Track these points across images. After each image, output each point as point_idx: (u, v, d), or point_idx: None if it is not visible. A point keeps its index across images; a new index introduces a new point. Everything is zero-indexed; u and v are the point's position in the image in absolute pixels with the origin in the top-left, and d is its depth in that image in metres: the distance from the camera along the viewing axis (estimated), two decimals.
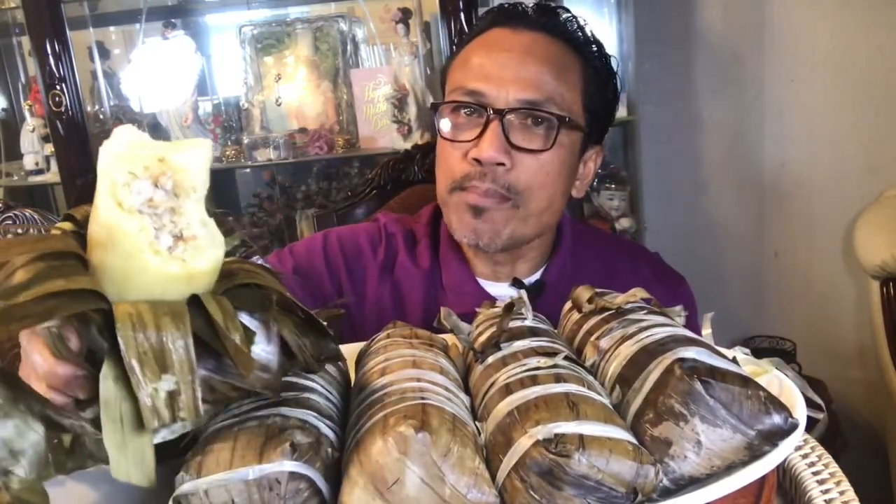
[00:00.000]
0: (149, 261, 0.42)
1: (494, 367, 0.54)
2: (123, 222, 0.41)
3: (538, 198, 0.87)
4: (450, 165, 0.88)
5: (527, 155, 0.85)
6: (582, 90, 0.89)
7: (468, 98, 0.86)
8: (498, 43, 0.88)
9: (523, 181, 0.85)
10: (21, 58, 2.18)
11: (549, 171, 0.86)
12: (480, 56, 0.87)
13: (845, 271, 2.19)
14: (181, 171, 0.44)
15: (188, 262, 0.43)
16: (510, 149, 0.84)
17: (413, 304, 0.94)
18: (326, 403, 0.51)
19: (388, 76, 1.92)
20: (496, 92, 0.84)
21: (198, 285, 0.43)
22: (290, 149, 1.98)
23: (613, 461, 0.42)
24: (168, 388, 0.40)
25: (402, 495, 0.42)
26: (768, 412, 0.46)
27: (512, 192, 0.85)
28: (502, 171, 0.84)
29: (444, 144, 0.89)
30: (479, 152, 0.84)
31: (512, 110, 0.84)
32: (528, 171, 0.85)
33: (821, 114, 2.14)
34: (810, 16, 2.10)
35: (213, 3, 2.22)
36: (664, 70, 2.18)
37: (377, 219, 1.03)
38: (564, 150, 0.87)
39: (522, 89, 0.84)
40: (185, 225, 0.43)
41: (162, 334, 0.40)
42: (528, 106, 0.84)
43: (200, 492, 0.42)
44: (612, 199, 2.05)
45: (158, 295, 0.42)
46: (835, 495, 0.56)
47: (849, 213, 2.12)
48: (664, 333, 0.53)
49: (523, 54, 0.86)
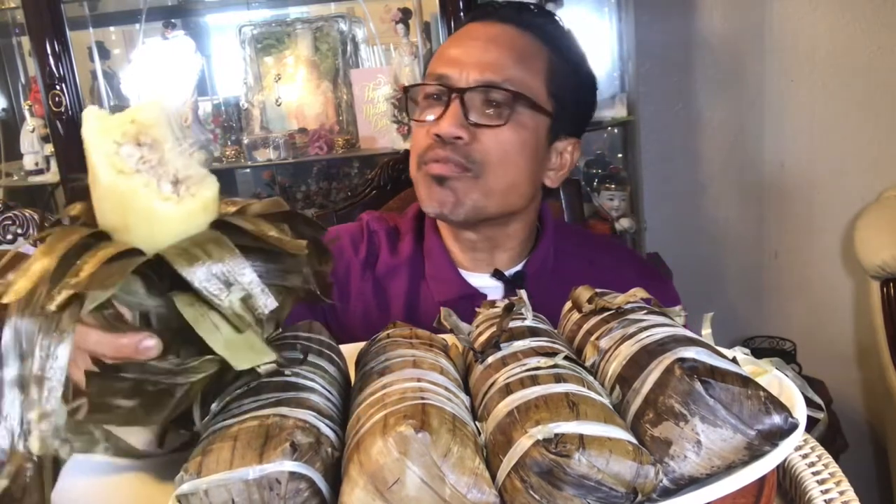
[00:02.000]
0: (163, 208, 0.46)
1: (494, 367, 0.54)
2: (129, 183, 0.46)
3: (498, 173, 0.90)
4: (416, 143, 0.94)
5: (485, 130, 0.90)
6: (547, 78, 0.93)
7: (433, 81, 0.92)
8: (468, 33, 0.95)
9: (479, 152, 0.90)
10: (21, 58, 2.18)
11: (507, 148, 0.90)
12: (451, 46, 0.95)
13: (845, 271, 2.19)
14: (152, 126, 0.48)
15: (197, 196, 0.47)
16: (468, 125, 0.89)
17: (396, 296, 0.98)
18: (326, 403, 0.51)
19: (388, 76, 1.91)
20: (458, 74, 0.90)
21: (211, 212, 0.49)
22: (290, 149, 1.98)
23: (613, 461, 0.42)
24: (239, 296, 0.46)
25: (402, 495, 0.42)
26: (768, 412, 0.46)
27: (470, 161, 0.89)
28: (461, 143, 0.89)
29: (414, 126, 0.96)
30: (438, 128, 0.89)
31: (470, 89, 0.89)
32: (485, 145, 0.90)
33: (821, 114, 2.14)
34: (810, 16, 2.10)
35: (213, 3, 2.22)
36: (664, 70, 2.18)
37: (360, 217, 1.08)
38: (526, 131, 0.91)
39: (481, 71, 0.90)
40: (175, 169, 0.48)
41: (213, 259, 0.45)
42: (484, 84, 0.89)
43: (200, 491, 0.42)
44: (612, 199, 2.05)
45: (184, 234, 0.47)
46: (835, 495, 0.56)
47: (849, 213, 2.12)
48: (664, 333, 0.53)
49: (487, 42, 0.92)
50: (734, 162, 2.25)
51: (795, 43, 2.13)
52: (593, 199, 2.07)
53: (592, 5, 2.09)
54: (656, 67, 2.16)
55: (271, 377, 0.50)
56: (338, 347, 0.63)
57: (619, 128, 2.14)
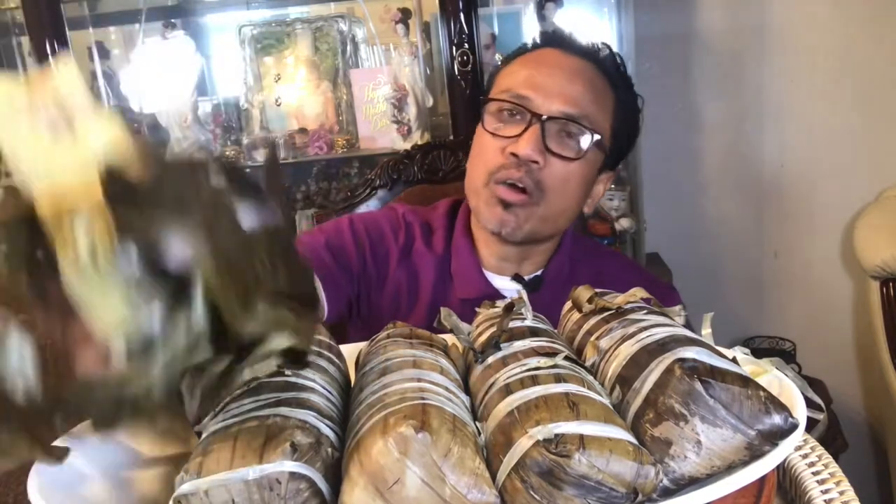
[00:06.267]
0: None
1: (494, 368, 0.54)
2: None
3: (558, 201, 0.96)
4: (487, 157, 0.97)
5: (558, 160, 0.94)
6: (612, 119, 0.99)
7: (515, 100, 0.95)
8: (548, 60, 0.99)
9: (550, 181, 0.94)
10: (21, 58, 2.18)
11: (572, 179, 0.96)
12: (530, 68, 0.98)
13: (845, 271, 2.19)
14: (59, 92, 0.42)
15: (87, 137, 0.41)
16: (545, 151, 0.93)
17: (425, 287, 1.03)
18: (326, 404, 0.51)
19: (388, 76, 1.91)
20: (541, 100, 0.94)
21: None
22: (290, 149, 1.98)
23: (613, 461, 0.42)
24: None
25: (402, 495, 0.42)
26: (768, 412, 0.46)
27: (539, 188, 0.94)
28: (535, 168, 0.93)
29: (484, 137, 0.98)
30: (517, 148, 0.93)
31: (552, 118, 0.94)
32: (556, 174, 0.94)
33: (821, 114, 2.14)
34: (810, 16, 2.10)
35: (213, 3, 2.22)
36: (664, 70, 2.18)
37: (394, 208, 1.11)
38: (588, 165, 0.98)
39: (564, 102, 0.94)
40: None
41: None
42: (566, 117, 0.94)
43: (200, 492, 0.42)
44: (612, 199, 2.05)
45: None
46: (835, 495, 0.56)
47: (849, 212, 2.12)
48: (664, 333, 0.53)
49: (570, 73, 0.96)
50: (734, 162, 2.25)
51: (795, 43, 2.13)
52: None
53: (592, 5, 2.09)
54: (656, 67, 2.16)
55: (271, 377, 0.50)
56: (338, 347, 0.63)
57: None
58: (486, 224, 0.98)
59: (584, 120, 0.95)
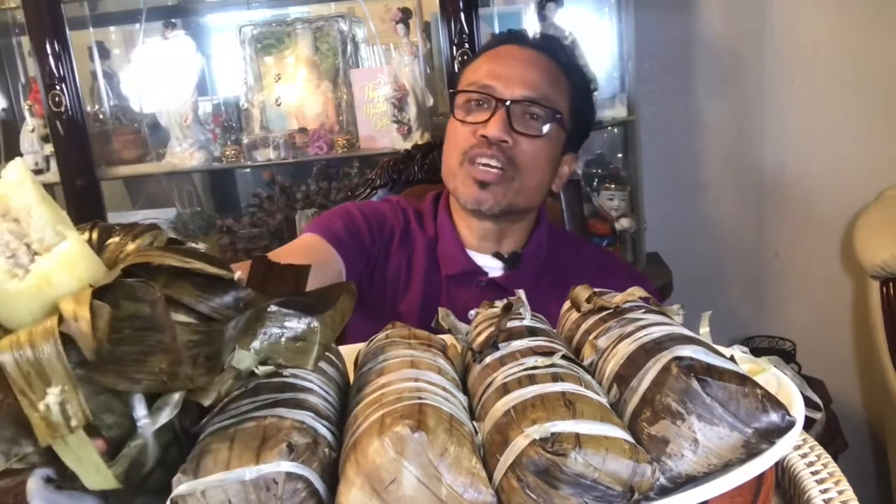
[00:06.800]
0: (7, 287, 0.42)
1: (492, 367, 0.54)
2: None
3: (529, 175, 1.07)
4: (459, 141, 1.07)
5: (524, 138, 1.05)
6: (569, 101, 1.11)
7: (481, 90, 1.07)
8: (507, 53, 1.11)
9: (521, 158, 1.05)
10: (21, 58, 2.18)
11: (539, 154, 1.07)
12: (491, 62, 1.10)
13: (845, 271, 2.19)
14: (5, 198, 0.44)
15: (34, 268, 0.42)
16: (511, 131, 1.04)
17: (418, 266, 1.13)
18: (324, 404, 0.51)
19: (388, 76, 1.91)
20: (503, 87, 1.06)
21: (64, 283, 0.43)
22: (290, 149, 1.98)
23: (610, 460, 0.42)
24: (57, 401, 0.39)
25: (398, 495, 0.42)
26: (765, 410, 0.46)
27: (511, 164, 1.05)
28: (505, 147, 1.04)
29: (456, 126, 1.09)
30: (486, 130, 1.04)
31: (515, 102, 1.05)
32: (525, 151, 1.06)
33: (821, 114, 2.14)
34: (810, 16, 2.10)
35: (213, 3, 2.22)
36: (664, 70, 2.18)
37: (389, 199, 1.22)
38: (552, 142, 1.09)
39: (524, 87, 1.06)
40: (38, 238, 0.44)
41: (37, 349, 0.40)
42: (527, 99, 1.05)
43: (198, 492, 0.42)
44: (612, 199, 2.05)
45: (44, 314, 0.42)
46: (833, 495, 0.56)
47: (849, 212, 2.12)
48: (662, 332, 0.53)
49: (527, 63, 1.08)
50: (734, 162, 2.25)
51: (795, 43, 2.12)
52: (593, 199, 2.07)
53: (592, 5, 2.09)
54: (656, 67, 2.16)
55: (269, 378, 0.49)
56: (336, 348, 0.63)
57: (619, 128, 2.14)
58: (465, 203, 1.08)
59: (544, 100, 1.06)
